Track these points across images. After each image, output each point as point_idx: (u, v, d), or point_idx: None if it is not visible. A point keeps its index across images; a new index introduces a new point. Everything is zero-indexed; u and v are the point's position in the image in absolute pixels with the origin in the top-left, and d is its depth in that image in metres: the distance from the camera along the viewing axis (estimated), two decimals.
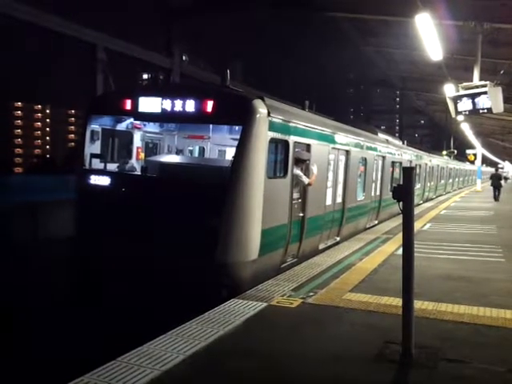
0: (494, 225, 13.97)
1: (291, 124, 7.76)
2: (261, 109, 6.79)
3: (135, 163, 8.61)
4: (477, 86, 11.64)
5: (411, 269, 4.13)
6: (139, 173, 8.13)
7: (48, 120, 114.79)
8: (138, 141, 8.82)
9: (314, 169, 8.53)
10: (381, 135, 15.99)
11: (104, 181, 7.44)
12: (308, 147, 8.51)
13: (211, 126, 8.87)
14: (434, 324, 5.04)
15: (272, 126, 7.02)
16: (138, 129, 8.75)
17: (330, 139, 9.70)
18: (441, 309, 5.53)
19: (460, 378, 3.82)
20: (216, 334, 4.59)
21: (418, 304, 5.21)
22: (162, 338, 4.46)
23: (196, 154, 10.24)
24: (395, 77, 29.34)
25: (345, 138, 10.65)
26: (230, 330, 4.70)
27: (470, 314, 5.39)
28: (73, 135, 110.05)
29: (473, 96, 11.56)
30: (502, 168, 67.01)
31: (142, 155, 8.87)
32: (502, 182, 28.12)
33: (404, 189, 4.23)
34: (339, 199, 10.57)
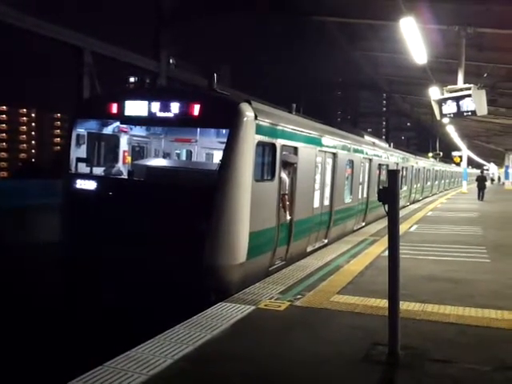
0: (480, 226, 14.14)
1: (278, 127, 7.78)
2: (248, 112, 6.81)
3: (122, 167, 8.57)
4: (461, 89, 11.77)
5: (397, 270, 4.17)
6: (126, 177, 8.09)
7: (33, 124, 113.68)
8: (124, 144, 8.78)
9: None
10: (367, 138, 16.11)
11: (90, 185, 7.39)
12: (295, 150, 8.54)
13: (198, 129, 8.87)
14: (420, 325, 5.09)
15: (259, 129, 7.04)
16: (125, 132, 8.71)
17: (317, 142, 9.75)
18: (427, 310, 5.59)
19: (446, 378, 3.86)
20: (204, 337, 4.58)
21: (404, 305, 5.26)
22: (150, 343, 4.43)
23: (183, 157, 10.23)
24: (382, 80, 29.57)
25: (332, 140, 10.71)
26: (218, 334, 4.69)
27: (456, 314, 5.45)
28: (59, 139, 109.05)
29: (457, 99, 11.68)
30: (487, 170, 67.87)
31: (129, 159, 8.84)
32: (488, 183, 29.27)
33: (389, 191, 4.28)
34: (327, 202, 10.61)
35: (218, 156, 8.58)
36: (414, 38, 10.82)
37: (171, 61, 20.88)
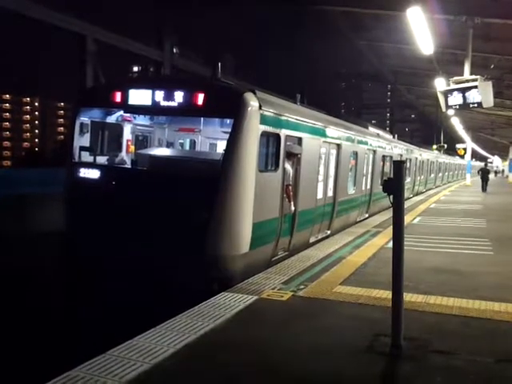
0: (483, 218, 14.09)
1: (283, 117, 7.74)
2: (252, 102, 6.76)
3: (125, 156, 8.55)
4: (467, 81, 11.66)
5: (401, 262, 4.15)
6: (129, 166, 8.07)
7: (37, 113, 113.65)
8: (127, 134, 8.74)
9: (292, 207, 8.39)
10: (372, 129, 16.03)
11: (93, 174, 7.38)
12: (299, 141, 8.49)
13: (202, 118, 8.83)
14: (423, 316, 5.07)
15: (263, 120, 6.99)
16: (128, 121, 8.68)
17: (321, 133, 9.70)
18: (430, 301, 5.57)
19: (448, 369, 3.85)
20: (206, 327, 4.58)
21: (407, 297, 5.23)
22: (152, 332, 4.44)
23: (187, 147, 10.19)
24: (386, 71, 29.35)
25: (336, 131, 10.65)
26: (221, 324, 4.69)
27: (459, 306, 5.43)
28: (62, 128, 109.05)
29: (463, 90, 11.58)
30: (491, 162, 67.56)
31: (132, 148, 8.81)
32: (491, 175, 29.85)
33: (394, 182, 4.24)
34: (330, 193, 10.58)
35: (221, 146, 8.54)
36: (420, 29, 10.71)
37: (175, 50, 20.76)
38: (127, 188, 7.10)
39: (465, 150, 41.42)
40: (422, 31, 10.87)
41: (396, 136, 23.55)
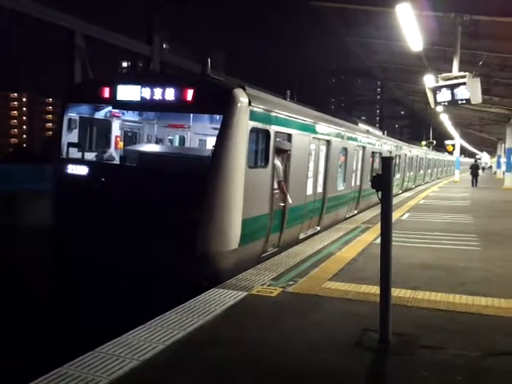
0: (471, 214, 14.23)
1: (272, 113, 7.74)
2: (242, 98, 6.75)
3: (114, 152, 8.50)
4: (456, 77, 11.76)
5: (389, 257, 4.18)
6: (118, 162, 8.03)
7: (25, 109, 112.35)
8: (116, 130, 8.69)
9: (289, 200, 8.43)
10: (361, 126, 16.09)
11: (81, 170, 7.32)
12: (289, 137, 8.50)
13: (192, 115, 8.80)
14: (411, 311, 5.12)
15: (253, 116, 6.99)
16: (117, 117, 8.62)
17: (311, 129, 9.71)
18: (418, 296, 5.62)
19: (435, 364, 3.89)
20: (196, 323, 4.59)
21: (395, 292, 5.29)
22: (141, 329, 4.43)
23: (176, 143, 10.15)
24: (376, 67, 29.39)
25: (326, 128, 10.67)
26: (210, 320, 4.70)
27: (447, 301, 5.49)
28: (50, 124, 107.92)
29: (452, 87, 11.67)
30: (480, 159, 68.23)
31: (121, 144, 8.76)
32: (480, 171, 30.71)
33: (382, 178, 4.27)
34: (320, 189, 10.61)
35: (211, 142, 8.52)
36: (409, 25, 10.75)
37: (164, 45, 20.65)
38: (115, 184, 7.04)
39: (453, 146, 41.77)
40: (410, 28, 10.90)
41: (386, 132, 23.68)
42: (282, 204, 8.29)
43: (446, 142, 43.39)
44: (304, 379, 3.62)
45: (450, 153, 45.76)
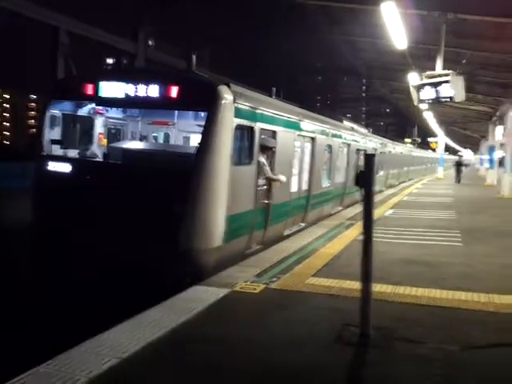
0: (454, 210, 14.41)
1: (257, 111, 7.74)
2: (226, 95, 6.75)
3: (97, 149, 8.43)
4: (440, 75, 11.88)
5: (370, 253, 4.23)
6: (101, 159, 7.97)
7: (7, 105, 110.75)
8: (100, 127, 8.62)
9: (282, 177, 8.49)
10: (346, 123, 16.18)
11: (64, 167, 7.26)
12: (274, 134, 8.52)
13: (176, 111, 8.77)
14: (392, 306, 5.18)
15: (238, 113, 6.99)
16: (101, 114, 8.55)
17: (296, 126, 9.74)
18: (399, 292, 5.69)
19: (414, 357, 3.94)
20: (178, 320, 4.57)
21: (377, 287, 5.33)
22: (122, 326, 4.40)
23: (161, 140, 10.11)
24: (362, 65, 29.53)
25: (311, 125, 10.72)
26: (193, 317, 4.69)
27: (428, 296, 5.56)
28: (33, 121, 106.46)
29: (435, 85, 11.80)
30: (461, 156, 69.10)
31: (105, 141, 8.70)
32: (463, 168, 31.80)
33: (365, 175, 4.31)
34: (305, 186, 10.66)
35: (195, 139, 8.50)
36: (394, 23, 10.82)
37: (150, 42, 20.50)
38: (99, 181, 7.00)
39: (437, 143, 42.19)
40: (395, 26, 10.98)
41: (371, 130, 23.84)
42: (267, 201, 8.31)
43: (430, 139, 43.81)
44: (287, 375, 3.63)
45: (434, 150, 46.23)
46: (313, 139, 10.86)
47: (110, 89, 7.19)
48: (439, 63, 12.47)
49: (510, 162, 21.32)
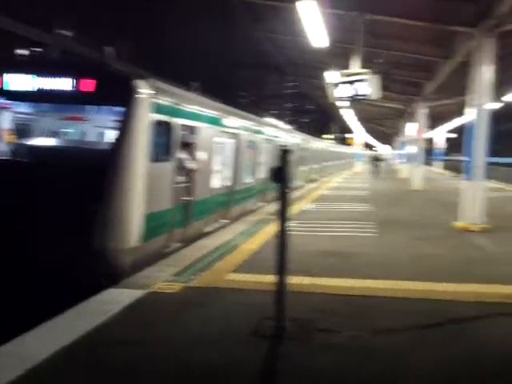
0: (370, 203, 15.10)
1: (176, 106, 7.60)
2: (143, 89, 6.56)
3: (3, 147, 7.85)
4: (357, 74, 12.33)
5: (284, 245, 4.29)
6: (7, 157, 7.44)
7: None
8: (5, 122, 8.03)
9: (202, 155, 8.44)
10: (270, 120, 16.43)
11: None
12: (194, 130, 8.41)
13: (91, 106, 8.37)
14: (309, 298, 5.30)
15: (155, 108, 6.82)
16: (6, 109, 7.96)
17: (217, 122, 9.69)
18: (316, 283, 5.85)
19: (329, 346, 4.06)
20: (91, 324, 4.36)
21: (294, 279, 5.41)
22: (30, 334, 4.12)
23: (74, 136, 9.62)
24: (285, 63, 30.04)
25: (233, 121, 10.72)
26: (107, 320, 4.50)
27: (344, 286, 5.76)
28: None
29: (352, 83, 12.24)
30: (377, 151, 72.79)
31: (12, 138, 8.11)
32: (382, 163, 33.75)
33: (280, 170, 4.34)
34: (227, 182, 10.65)
35: (110, 135, 8.18)
36: (310, 22, 11.05)
37: (67, 33, 19.46)
38: (6, 181, 6.52)
39: (353, 139, 44.04)
40: (312, 24, 11.22)
41: (295, 126, 24.39)
42: (187, 198, 8.19)
43: (347, 135, 45.61)
44: (205, 374, 3.58)
45: (350, 145, 48.23)
46: (235, 135, 10.88)
47: (19, 82, 6.75)
48: (357, 62, 12.94)
49: (420, 157, 22.78)
